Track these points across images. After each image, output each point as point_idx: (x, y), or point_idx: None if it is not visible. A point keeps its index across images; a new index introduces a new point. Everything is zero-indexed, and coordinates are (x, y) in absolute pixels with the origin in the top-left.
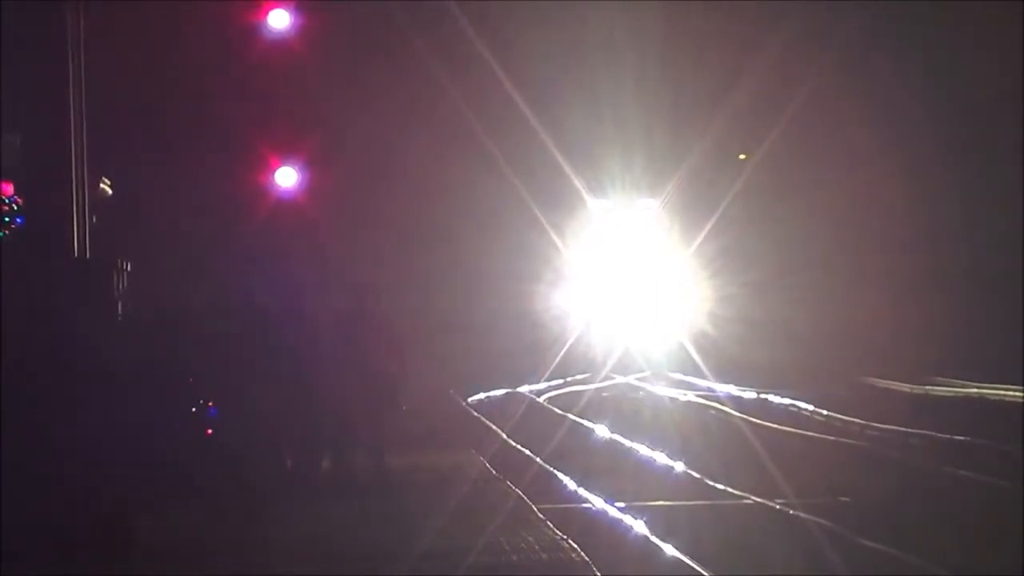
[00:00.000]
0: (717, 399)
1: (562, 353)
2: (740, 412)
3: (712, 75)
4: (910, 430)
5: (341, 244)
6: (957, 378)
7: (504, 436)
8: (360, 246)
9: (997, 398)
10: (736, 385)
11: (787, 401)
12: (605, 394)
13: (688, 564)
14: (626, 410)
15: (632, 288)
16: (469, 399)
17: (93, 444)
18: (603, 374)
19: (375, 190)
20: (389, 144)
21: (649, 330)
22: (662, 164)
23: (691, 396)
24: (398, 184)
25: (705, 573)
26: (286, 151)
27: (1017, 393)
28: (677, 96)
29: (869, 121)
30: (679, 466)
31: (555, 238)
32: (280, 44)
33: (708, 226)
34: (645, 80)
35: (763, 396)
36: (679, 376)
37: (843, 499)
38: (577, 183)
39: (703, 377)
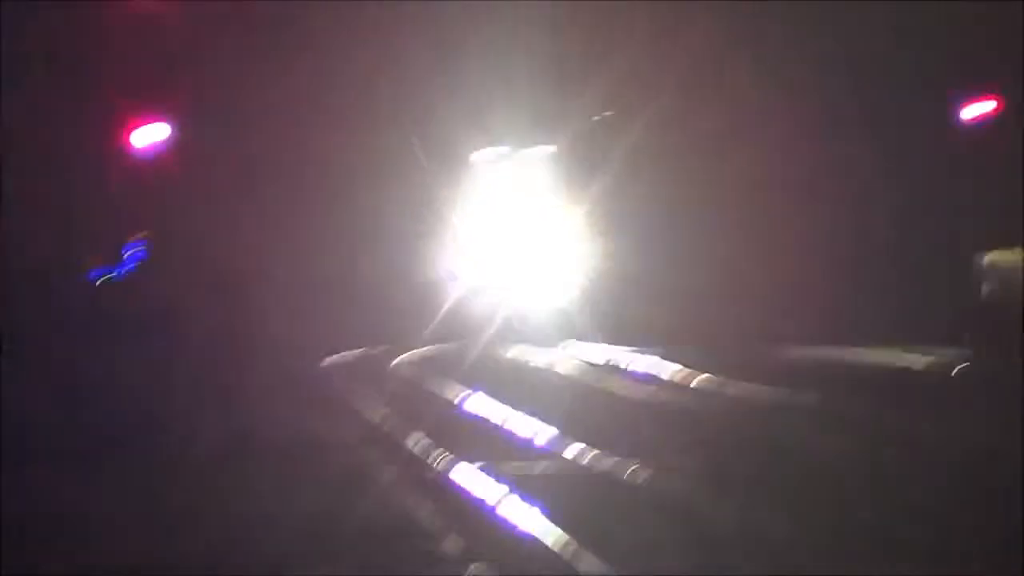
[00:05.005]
0: (595, 363)
1: (441, 315)
2: (613, 375)
3: (614, 20)
4: (775, 392)
5: (201, 207)
6: (840, 341)
7: (368, 399)
8: (225, 209)
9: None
10: (624, 346)
11: (668, 362)
12: (479, 356)
13: (546, 526)
14: (495, 373)
15: (520, 245)
16: (335, 361)
17: None
18: (485, 337)
19: (242, 149)
20: (258, 98)
21: (537, 290)
22: (555, 115)
23: (567, 360)
24: (266, 140)
25: (565, 535)
26: (149, 109)
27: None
28: (572, 46)
29: (773, 78)
30: (545, 430)
31: (439, 191)
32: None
33: (603, 181)
34: (539, 27)
35: (643, 357)
36: (565, 339)
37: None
38: (465, 131)
39: (592, 339)
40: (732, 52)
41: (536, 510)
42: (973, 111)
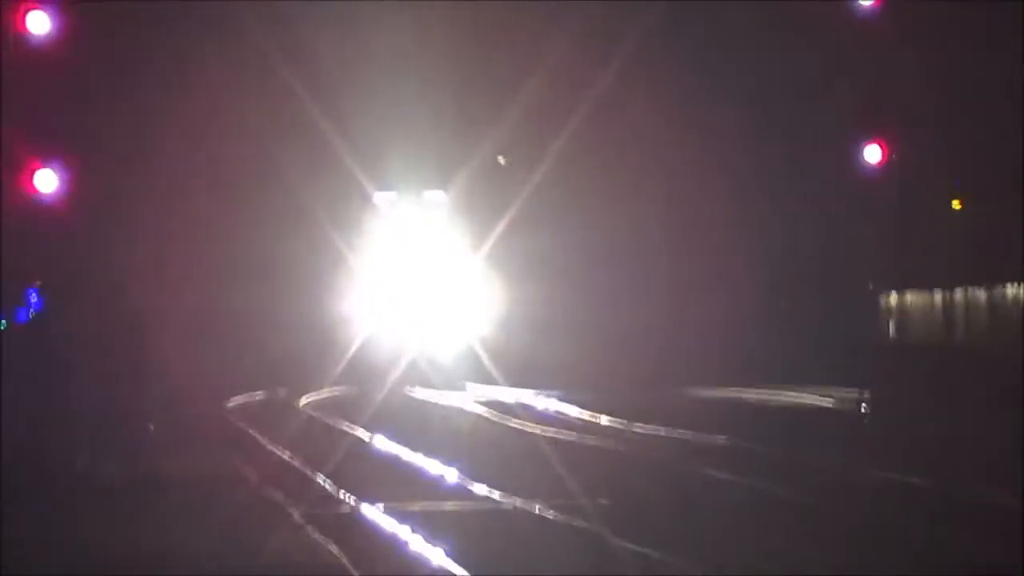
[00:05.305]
0: (498, 405)
1: (346, 360)
2: (516, 417)
3: (506, 70)
4: (677, 433)
5: (103, 247)
6: (747, 382)
7: (266, 443)
8: (127, 249)
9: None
10: (525, 390)
11: (565, 406)
12: (385, 397)
13: (449, 567)
14: (402, 416)
15: (423, 290)
16: (242, 400)
17: None
18: (388, 382)
19: (146, 190)
20: (161, 143)
21: (440, 335)
22: (452, 160)
23: (470, 402)
24: (170, 183)
25: (465, 574)
26: (47, 154)
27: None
28: (470, 92)
29: (671, 121)
30: (449, 471)
31: (340, 236)
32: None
33: (501, 225)
34: (437, 75)
35: (544, 401)
36: (468, 383)
37: (603, 501)
38: (362, 177)
39: (494, 383)
40: (633, 103)
41: (441, 550)
42: (867, 158)
